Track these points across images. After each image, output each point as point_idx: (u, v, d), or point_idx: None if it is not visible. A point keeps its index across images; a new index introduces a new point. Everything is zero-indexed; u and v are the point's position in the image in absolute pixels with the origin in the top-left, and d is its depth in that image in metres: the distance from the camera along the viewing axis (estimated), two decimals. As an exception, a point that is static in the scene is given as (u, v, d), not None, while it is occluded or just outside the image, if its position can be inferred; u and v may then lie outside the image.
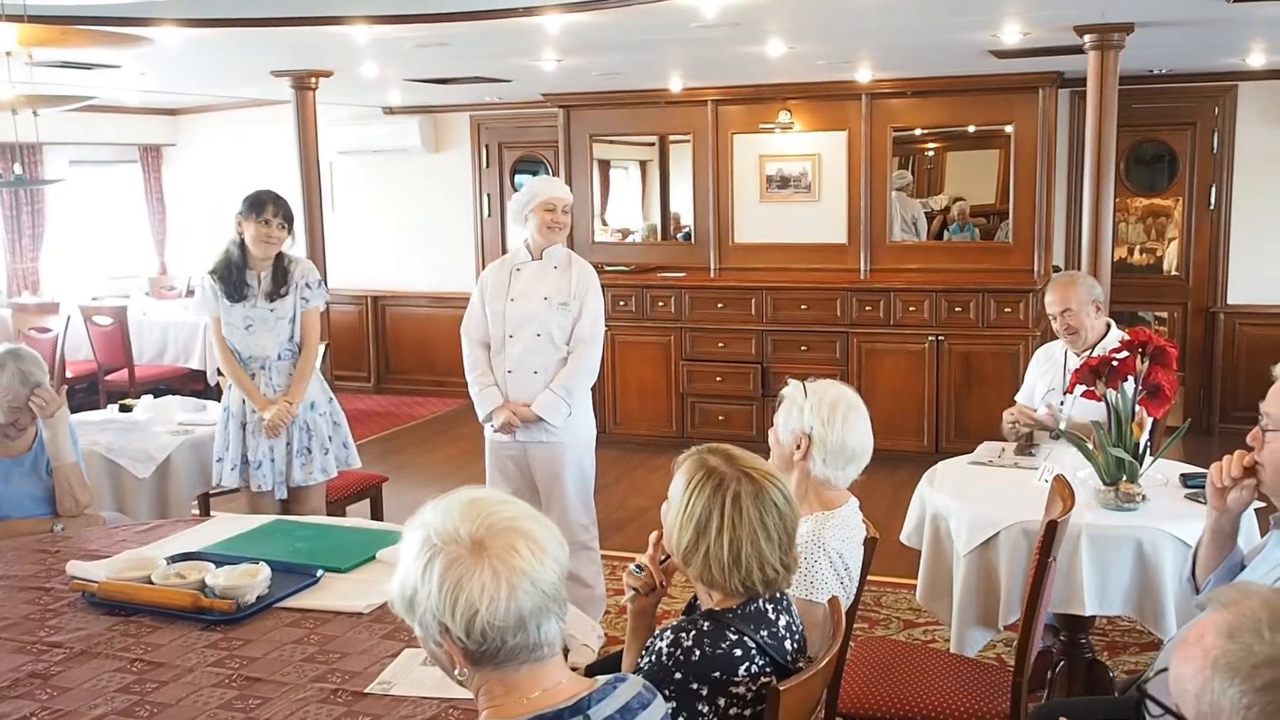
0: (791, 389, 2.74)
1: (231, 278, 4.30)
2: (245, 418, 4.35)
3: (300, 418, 4.37)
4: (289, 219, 4.32)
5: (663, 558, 2.26)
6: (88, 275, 9.68)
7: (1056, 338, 4.27)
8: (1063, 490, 2.99)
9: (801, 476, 2.67)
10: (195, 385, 8.29)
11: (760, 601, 2.07)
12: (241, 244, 4.30)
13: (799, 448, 2.67)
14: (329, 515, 4.50)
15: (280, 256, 4.36)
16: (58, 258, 9.51)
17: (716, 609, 2.07)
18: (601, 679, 1.69)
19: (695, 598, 2.25)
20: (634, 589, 2.29)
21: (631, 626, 2.32)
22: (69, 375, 8.16)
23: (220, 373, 4.64)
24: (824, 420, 2.65)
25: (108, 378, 8.23)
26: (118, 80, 7.06)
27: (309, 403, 4.41)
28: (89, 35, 4.38)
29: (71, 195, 9.48)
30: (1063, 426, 3.85)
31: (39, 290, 9.24)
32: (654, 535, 2.27)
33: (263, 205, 4.26)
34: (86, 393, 8.39)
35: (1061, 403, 4.20)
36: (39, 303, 8.90)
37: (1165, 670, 1.44)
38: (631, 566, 2.30)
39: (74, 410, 4.83)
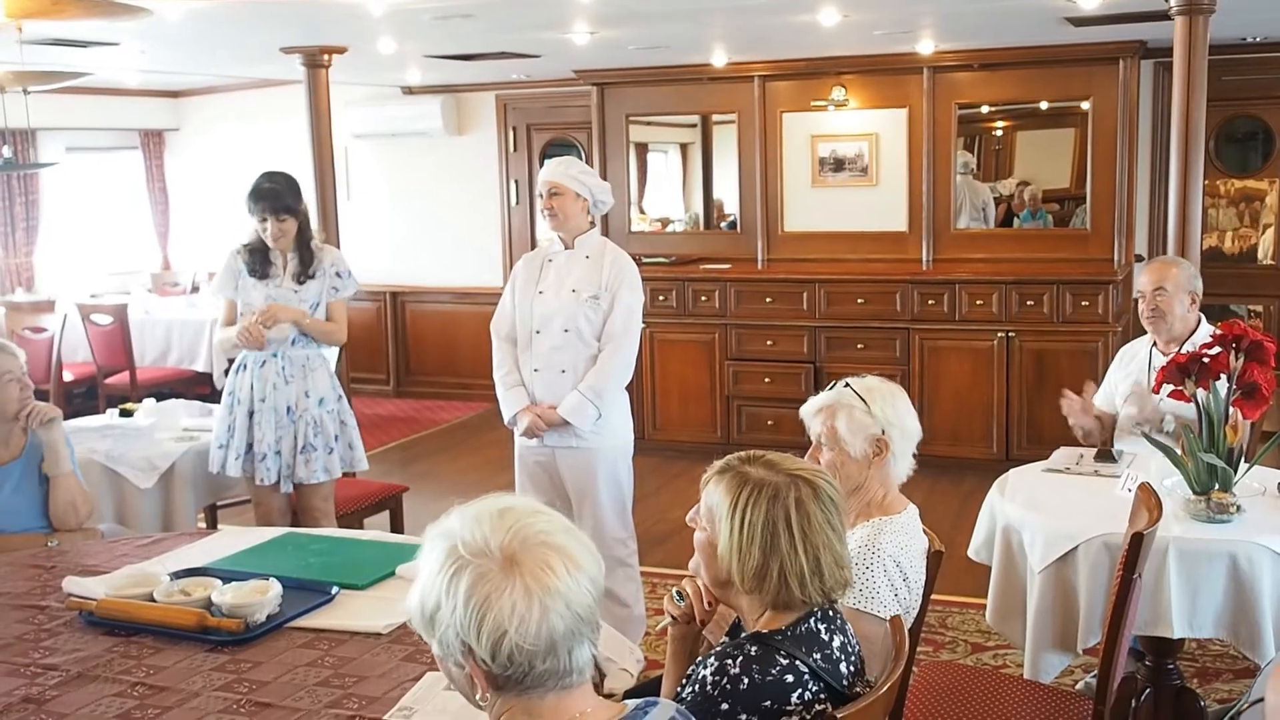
0: (839, 395, 2.77)
1: (257, 255, 4.47)
2: (253, 405, 4.46)
3: (309, 413, 4.48)
4: (283, 208, 4.38)
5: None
6: (86, 271, 9.80)
7: (1138, 335, 4.23)
8: (1148, 500, 2.95)
9: (874, 484, 2.73)
10: (201, 389, 8.37)
11: (812, 621, 2.06)
12: None
13: (879, 454, 2.73)
14: (345, 528, 4.53)
15: (308, 238, 4.50)
16: (54, 252, 9.63)
17: (764, 631, 2.06)
18: (631, 703, 1.68)
19: (738, 619, 2.23)
20: (673, 616, 2.29)
21: (670, 650, 2.32)
22: (66, 378, 8.26)
23: (226, 372, 4.70)
24: (896, 411, 2.75)
25: (107, 380, 8.32)
26: (116, 59, 7.14)
27: (318, 398, 4.51)
28: (83, 5, 4.42)
29: (68, 184, 9.60)
30: (1168, 427, 3.83)
31: (34, 287, 9.37)
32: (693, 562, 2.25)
33: (251, 203, 4.39)
34: (85, 397, 8.49)
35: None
36: (34, 300, 9.02)
37: (1261, 700, 1.42)
38: (673, 592, 2.29)
39: (71, 415, 4.89)
